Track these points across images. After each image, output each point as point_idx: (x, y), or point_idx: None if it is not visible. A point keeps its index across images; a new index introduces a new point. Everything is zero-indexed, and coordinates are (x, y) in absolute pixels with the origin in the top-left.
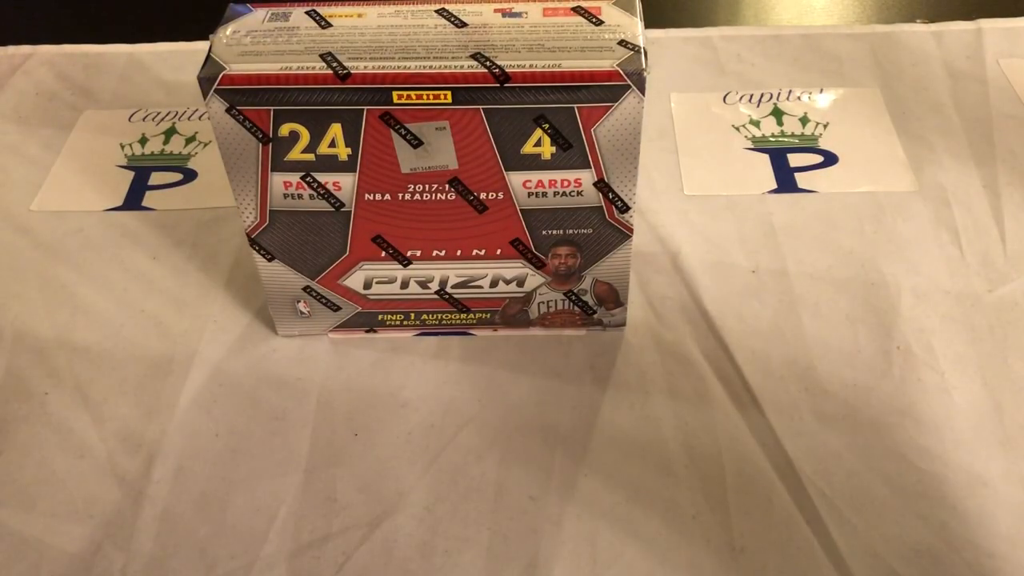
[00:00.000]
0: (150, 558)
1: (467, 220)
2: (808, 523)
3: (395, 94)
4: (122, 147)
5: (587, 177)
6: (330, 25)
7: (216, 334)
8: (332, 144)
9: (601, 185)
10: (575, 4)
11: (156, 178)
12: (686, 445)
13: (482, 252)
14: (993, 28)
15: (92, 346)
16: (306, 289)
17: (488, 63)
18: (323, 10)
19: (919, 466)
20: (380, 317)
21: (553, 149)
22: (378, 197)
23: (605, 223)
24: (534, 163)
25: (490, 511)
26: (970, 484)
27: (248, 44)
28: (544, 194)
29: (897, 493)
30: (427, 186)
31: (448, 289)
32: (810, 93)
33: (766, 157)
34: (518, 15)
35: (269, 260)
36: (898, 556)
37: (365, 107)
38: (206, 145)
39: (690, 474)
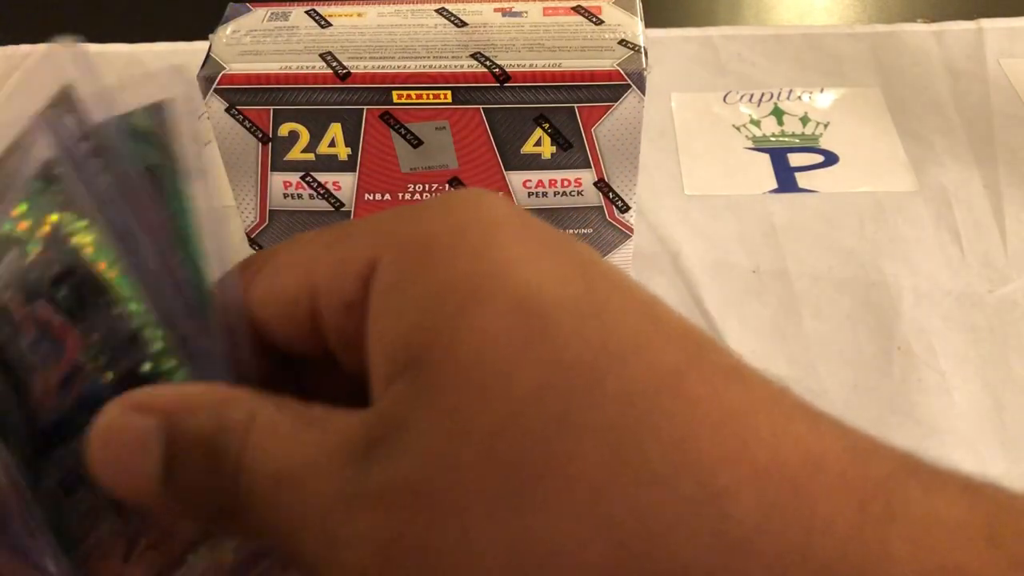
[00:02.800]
0: None
1: None
2: None
3: (395, 94)
4: None
5: (587, 177)
6: (330, 24)
7: None
8: (332, 144)
9: (601, 185)
10: (575, 3)
11: None
12: None
13: None
14: (994, 28)
15: None
16: None
17: (488, 62)
18: (323, 9)
19: None
20: None
21: (553, 149)
22: (378, 197)
23: (605, 223)
24: (534, 163)
25: None
26: None
27: (248, 43)
28: (544, 194)
29: None
30: (427, 186)
31: None
32: (811, 93)
33: (767, 157)
34: (518, 14)
35: None
36: None
37: (365, 107)
38: (205, 145)
39: None
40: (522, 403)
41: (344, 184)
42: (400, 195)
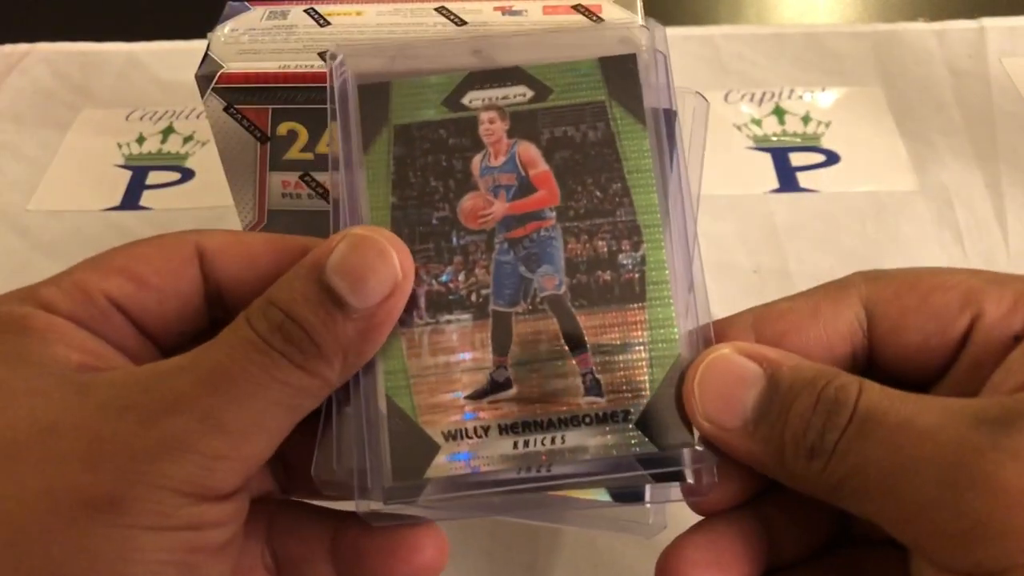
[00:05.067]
0: None
1: None
2: None
3: None
4: (119, 146)
5: None
6: (328, 23)
7: None
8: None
9: None
10: (575, 2)
11: (154, 177)
12: None
13: None
14: (995, 26)
15: None
16: None
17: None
18: (322, 8)
19: None
20: None
21: None
22: None
23: None
24: None
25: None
26: None
27: (246, 42)
28: None
29: None
30: None
31: None
32: (812, 92)
33: (768, 156)
34: (518, 13)
35: None
36: None
37: None
38: (204, 144)
39: None
40: None
41: None
42: None
